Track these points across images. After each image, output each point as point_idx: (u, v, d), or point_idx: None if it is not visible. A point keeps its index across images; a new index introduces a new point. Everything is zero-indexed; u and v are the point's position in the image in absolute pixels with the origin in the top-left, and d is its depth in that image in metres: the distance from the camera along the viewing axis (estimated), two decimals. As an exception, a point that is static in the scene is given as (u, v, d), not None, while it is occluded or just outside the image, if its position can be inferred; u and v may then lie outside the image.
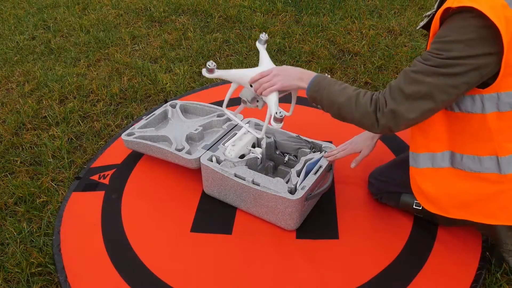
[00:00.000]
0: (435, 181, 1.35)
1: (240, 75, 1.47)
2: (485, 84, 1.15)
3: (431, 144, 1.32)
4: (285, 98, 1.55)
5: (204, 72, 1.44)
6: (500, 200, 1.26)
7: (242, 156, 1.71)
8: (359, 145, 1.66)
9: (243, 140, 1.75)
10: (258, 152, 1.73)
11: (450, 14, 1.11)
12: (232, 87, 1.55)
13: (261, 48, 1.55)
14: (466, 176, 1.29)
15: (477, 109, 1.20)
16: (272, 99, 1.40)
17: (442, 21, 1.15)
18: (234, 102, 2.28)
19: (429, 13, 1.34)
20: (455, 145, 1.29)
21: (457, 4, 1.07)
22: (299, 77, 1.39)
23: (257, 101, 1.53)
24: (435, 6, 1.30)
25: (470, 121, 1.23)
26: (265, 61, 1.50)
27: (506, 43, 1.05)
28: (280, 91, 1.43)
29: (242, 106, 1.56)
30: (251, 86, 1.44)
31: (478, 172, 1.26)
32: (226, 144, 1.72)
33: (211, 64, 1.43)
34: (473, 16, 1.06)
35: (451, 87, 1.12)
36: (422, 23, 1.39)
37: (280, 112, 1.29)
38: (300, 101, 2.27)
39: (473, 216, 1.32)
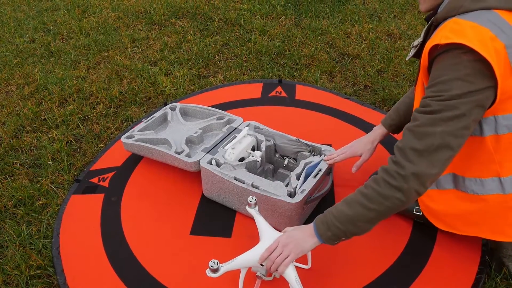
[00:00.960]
0: (441, 202, 1.37)
1: (247, 261, 1.29)
2: None
3: None
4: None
5: (208, 273, 1.22)
6: (507, 217, 1.26)
7: (242, 159, 1.71)
8: (359, 149, 1.66)
9: (242, 143, 1.74)
10: (257, 155, 1.73)
11: (440, 51, 1.09)
12: (242, 273, 1.37)
13: (255, 214, 1.40)
14: (471, 198, 1.30)
15: (476, 132, 1.19)
16: (291, 275, 1.23)
17: (432, 57, 1.13)
18: (234, 105, 2.29)
19: (416, 43, 1.31)
20: (457, 168, 1.30)
21: (445, 40, 1.05)
22: (308, 235, 1.25)
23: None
24: (422, 36, 1.28)
25: (470, 144, 1.23)
26: (265, 231, 1.35)
27: (499, 75, 1.04)
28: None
29: (258, 282, 1.39)
30: (262, 265, 1.28)
31: (481, 194, 1.27)
32: (225, 147, 1.71)
33: (214, 264, 1.21)
34: (464, 52, 1.04)
35: (462, 129, 1.07)
36: (410, 54, 1.36)
37: None
38: (298, 104, 2.27)
39: (483, 233, 1.33)
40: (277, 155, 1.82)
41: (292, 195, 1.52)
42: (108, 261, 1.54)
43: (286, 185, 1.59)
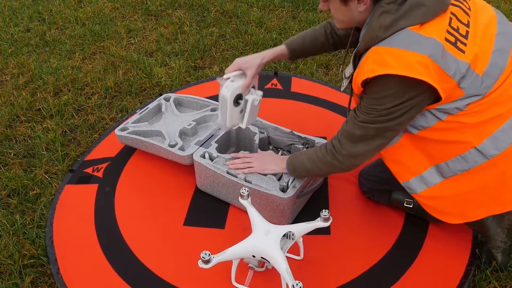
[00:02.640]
0: (440, 196, 1.37)
1: (239, 252, 1.31)
2: (434, 101, 1.20)
3: (413, 168, 1.37)
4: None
5: (200, 264, 1.24)
6: (505, 181, 1.27)
7: (239, 97, 1.48)
8: (246, 62, 1.52)
9: (243, 79, 1.51)
10: (259, 94, 1.53)
11: (369, 80, 1.18)
12: (234, 263, 1.40)
13: (248, 205, 1.41)
14: (462, 177, 1.30)
15: (433, 121, 1.25)
16: (282, 266, 1.24)
17: (363, 85, 1.22)
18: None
19: (347, 74, 1.39)
20: (435, 159, 1.32)
21: (372, 74, 1.14)
22: (275, 162, 1.58)
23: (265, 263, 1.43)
24: (351, 66, 1.35)
25: (434, 132, 1.27)
26: (258, 222, 1.37)
27: (434, 82, 1.11)
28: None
29: (250, 273, 1.42)
30: (253, 256, 1.32)
31: (468, 169, 1.28)
32: (224, 77, 1.49)
33: (205, 255, 1.24)
34: (391, 77, 1.13)
35: (396, 125, 1.23)
36: (344, 85, 1.44)
37: (298, 284, 1.15)
38: (293, 96, 2.27)
39: (493, 210, 1.33)
40: (270, 147, 1.83)
41: (284, 189, 1.52)
42: (101, 251, 1.55)
43: (279, 180, 1.60)
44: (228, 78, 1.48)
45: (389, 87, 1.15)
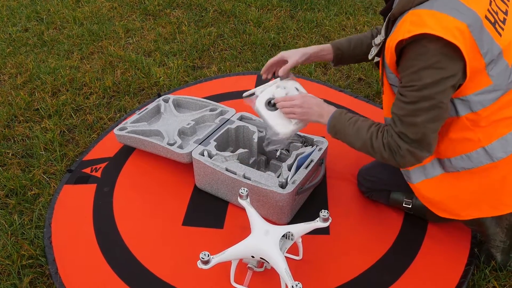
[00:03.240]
0: (436, 189, 1.37)
1: (238, 252, 1.30)
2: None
3: None
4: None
5: (199, 265, 1.24)
6: (504, 185, 1.27)
7: (270, 101, 1.54)
8: (290, 54, 1.59)
9: (269, 86, 1.58)
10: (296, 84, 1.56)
11: (405, 44, 1.12)
12: (234, 264, 1.39)
13: (247, 206, 1.40)
14: (463, 175, 1.30)
15: (452, 113, 1.22)
16: (281, 266, 1.23)
17: (398, 51, 1.15)
18: (228, 96, 2.28)
19: (377, 41, 1.32)
20: (440, 153, 1.31)
21: (408, 34, 1.08)
22: (320, 113, 1.43)
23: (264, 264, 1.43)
24: (383, 33, 1.28)
25: (448, 126, 1.24)
26: (257, 222, 1.36)
27: (466, 54, 1.07)
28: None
29: (249, 273, 1.43)
30: (252, 257, 1.31)
31: (471, 168, 1.27)
32: (246, 95, 1.58)
33: (204, 256, 1.23)
34: (429, 41, 1.07)
35: (442, 113, 1.16)
36: (373, 52, 1.36)
37: (297, 285, 1.14)
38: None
39: (483, 211, 1.33)
40: (269, 147, 1.83)
41: (283, 186, 1.52)
42: (100, 251, 1.55)
43: (278, 176, 1.60)
44: (253, 94, 1.55)
45: (428, 55, 1.08)
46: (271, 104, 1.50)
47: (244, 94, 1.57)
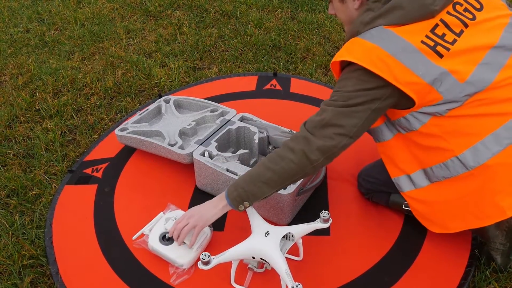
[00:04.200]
0: (424, 200, 1.40)
1: (238, 253, 1.30)
2: (410, 102, 1.23)
3: (402, 166, 1.40)
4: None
5: (200, 265, 1.24)
6: (483, 195, 1.28)
7: (164, 235, 1.53)
8: None
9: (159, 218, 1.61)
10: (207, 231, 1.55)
11: (343, 65, 1.27)
12: (234, 265, 1.39)
13: (249, 210, 1.40)
14: (445, 184, 1.33)
15: (416, 124, 1.28)
16: (282, 267, 1.24)
17: (340, 69, 1.31)
18: (229, 97, 2.29)
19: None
20: (422, 162, 1.35)
21: (339, 58, 1.24)
22: (213, 205, 1.37)
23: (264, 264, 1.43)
24: None
25: (418, 136, 1.30)
26: (257, 223, 1.36)
27: (391, 78, 1.16)
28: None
29: (250, 274, 1.44)
30: (253, 258, 1.32)
31: (450, 177, 1.30)
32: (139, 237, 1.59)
33: (205, 257, 1.23)
34: (355, 65, 1.20)
35: (351, 112, 1.22)
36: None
37: (297, 285, 1.15)
38: (293, 97, 2.28)
39: (470, 223, 1.33)
40: (270, 147, 1.83)
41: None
42: (100, 251, 1.55)
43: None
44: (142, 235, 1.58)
45: (354, 74, 1.21)
46: (165, 239, 1.50)
47: (134, 237, 1.58)
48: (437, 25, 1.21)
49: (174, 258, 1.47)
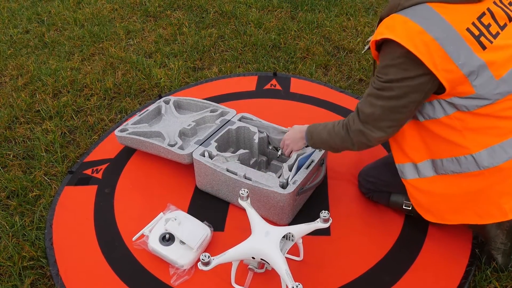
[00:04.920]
0: (426, 191, 1.39)
1: (238, 253, 1.31)
2: (440, 89, 1.19)
3: (410, 154, 1.37)
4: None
5: (200, 266, 1.24)
6: (489, 195, 1.27)
7: (164, 236, 1.54)
8: None
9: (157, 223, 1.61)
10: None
11: (381, 43, 1.22)
12: (234, 265, 1.39)
13: (247, 207, 1.41)
14: (452, 179, 1.31)
15: (439, 113, 1.25)
16: (282, 268, 1.24)
17: (378, 48, 1.26)
18: (229, 97, 2.29)
19: (369, 39, 1.42)
20: (433, 153, 1.33)
21: (379, 36, 1.18)
22: (300, 137, 1.58)
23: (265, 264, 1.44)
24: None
25: (437, 126, 1.27)
26: (257, 224, 1.37)
27: (431, 65, 1.11)
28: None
29: (250, 274, 1.45)
30: (253, 258, 1.32)
31: (459, 172, 1.29)
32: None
33: (205, 257, 1.23)
34: (397, 44, 1.13)
35: (400, 107, 1.22)
36: (366, 48, 1.50)
37: (298, 285, 1.14)
38: (293, 96, 2.27)
39: (469, 218, 1.33)
40: (270, 147, 1.83)
41: (284, 186, 1.52)
42: (101, 252, 1.55)
43: (279, 177, 1.60)
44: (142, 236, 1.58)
45: (395, 56, 1.16)
46: (165, 239, 1.52)
47: (134, 238, 1.58)
48: (484, 13, 1.16)
49: (174, 258, 1.47)
